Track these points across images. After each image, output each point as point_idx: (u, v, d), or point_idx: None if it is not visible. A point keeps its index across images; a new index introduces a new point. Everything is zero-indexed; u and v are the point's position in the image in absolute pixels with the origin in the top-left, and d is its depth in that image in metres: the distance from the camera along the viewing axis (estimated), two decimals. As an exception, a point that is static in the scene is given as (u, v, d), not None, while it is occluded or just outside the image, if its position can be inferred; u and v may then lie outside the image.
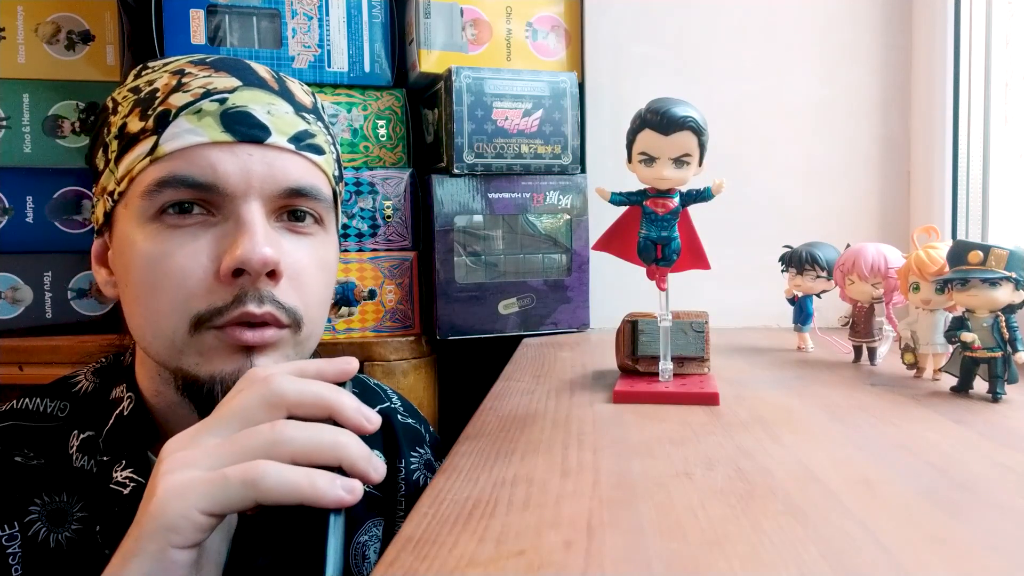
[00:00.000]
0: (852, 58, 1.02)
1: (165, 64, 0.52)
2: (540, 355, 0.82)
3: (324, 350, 0.89)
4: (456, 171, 0.91)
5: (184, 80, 0.50)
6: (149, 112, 0.49)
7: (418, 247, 0.96)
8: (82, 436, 0.52)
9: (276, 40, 0.92)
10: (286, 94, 0.53)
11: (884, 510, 0.35)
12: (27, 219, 0.94)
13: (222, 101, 0.50)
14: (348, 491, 0.37)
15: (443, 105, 0.93)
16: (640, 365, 0.62)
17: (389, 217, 0.95)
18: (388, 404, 0.66)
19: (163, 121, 0.49)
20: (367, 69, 0.95)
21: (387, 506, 0.59)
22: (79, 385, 0.57)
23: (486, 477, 0.41)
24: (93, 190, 0.54)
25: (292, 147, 0.51)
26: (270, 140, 0.50)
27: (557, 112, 0.95)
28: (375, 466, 0.39)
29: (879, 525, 0.33)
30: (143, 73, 0.53)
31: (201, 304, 0.48)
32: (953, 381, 0.58)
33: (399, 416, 0.65)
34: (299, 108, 0.53)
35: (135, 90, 0.51)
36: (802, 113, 1.03)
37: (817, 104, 1.03)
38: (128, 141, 0.50)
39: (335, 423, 0.40)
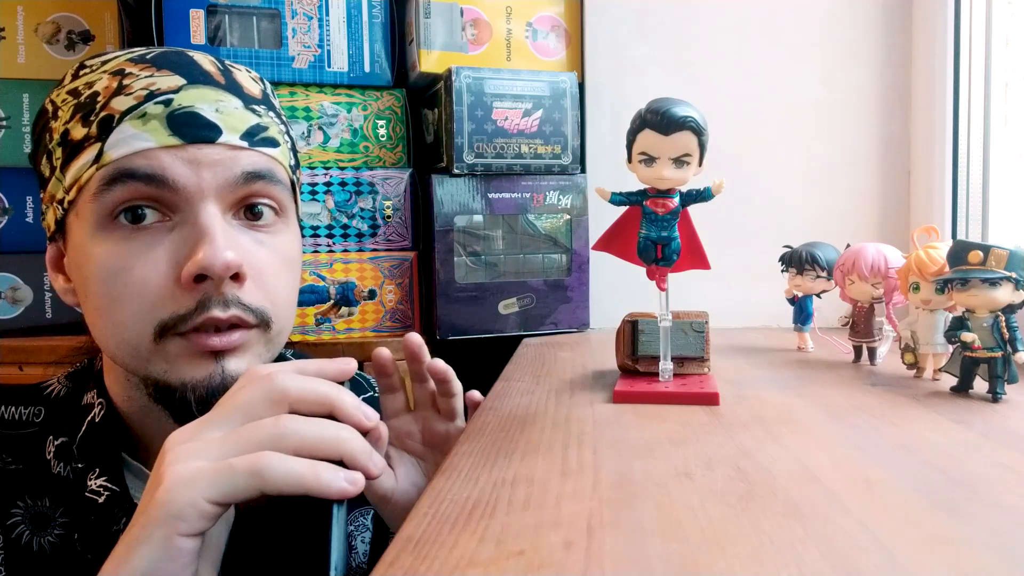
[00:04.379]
0: (852, 58, 1.02)
1: (104, 62, 0.50)
2: (540, 355, 0.82)
3: (324, 351, 0.90)
4: (456, 171, 0.91)
5: (125, 82, 0.48)
6: (92, 118, 0.47)
7: (418, 247, 0.96)
8: (56, 442, 0.52)
9: (276, 40, 0.92)
10: (234, 87, 0.51)
11: (884, 510, 0.35)
12: (27, 219, 0.94)
13: (167, 103, 0.47)
14: (351, 482, 0.37)
15: (443, 105, 0.93)
16: (640, 365, 0.62)
17: (389, 217, 0.95)
18: (372, 394, 0.67)
19: (106, 127, 0.47)
20: (367, 69, 0.95)
21: None
22: (51, 389, 0.56)
23: (486, 477, 0.41)
24: (41, 195, 0.52)
25: (245, 144, 0.50)
26: (221, 139, 0.48)
27: (557, 112, 0.95)
28: (375, 461, 0.39)
29: (879, 525, 0.33)
30: (81, 73, 0.50)
31: (164, 312, 0.47)
32: (953, 381, 0.58)
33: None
34: (249, 101, 0.51)
35: (74, 92, 0.49)
36: (802, 113, 1.03)
37: (817, 104, 1.03)
38: (72, 149, 0.48)
39: (334, 420, 0.40)
